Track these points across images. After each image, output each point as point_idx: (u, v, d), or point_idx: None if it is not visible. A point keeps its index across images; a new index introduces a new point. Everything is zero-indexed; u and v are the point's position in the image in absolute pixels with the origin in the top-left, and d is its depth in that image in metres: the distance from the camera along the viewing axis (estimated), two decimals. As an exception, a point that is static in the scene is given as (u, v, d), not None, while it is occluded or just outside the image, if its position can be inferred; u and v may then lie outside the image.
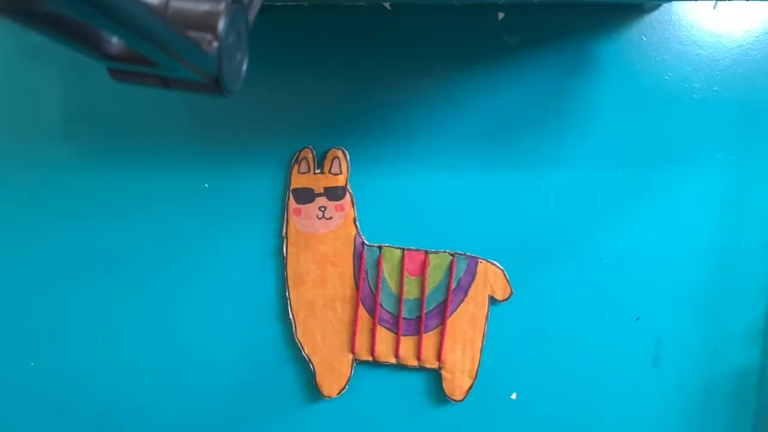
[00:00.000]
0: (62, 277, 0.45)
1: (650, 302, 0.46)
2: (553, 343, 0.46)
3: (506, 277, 0.45)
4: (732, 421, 0.47)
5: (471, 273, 0.44)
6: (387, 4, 0.43)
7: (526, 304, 0.45)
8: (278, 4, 0.42)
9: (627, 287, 0.46)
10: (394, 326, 0.45)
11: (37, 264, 0.45)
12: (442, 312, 0.44)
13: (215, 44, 0.20)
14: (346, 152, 0.44)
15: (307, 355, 0.45)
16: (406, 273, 0.44)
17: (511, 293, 0.45)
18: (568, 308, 0.45)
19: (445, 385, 0.45)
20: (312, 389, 0.46)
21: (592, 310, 0.45)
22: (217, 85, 0.22)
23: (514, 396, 0.46)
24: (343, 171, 0.44)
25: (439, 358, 0.44)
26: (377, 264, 0.44)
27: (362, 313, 0.45)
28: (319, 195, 0.44)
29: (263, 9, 0.26)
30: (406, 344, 0.45)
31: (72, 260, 0.44)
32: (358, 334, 0.45)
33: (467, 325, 0.45)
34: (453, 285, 0.44)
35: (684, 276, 0.46)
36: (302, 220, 0.44)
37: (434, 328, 0.45)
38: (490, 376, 0.45)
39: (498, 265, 0.45)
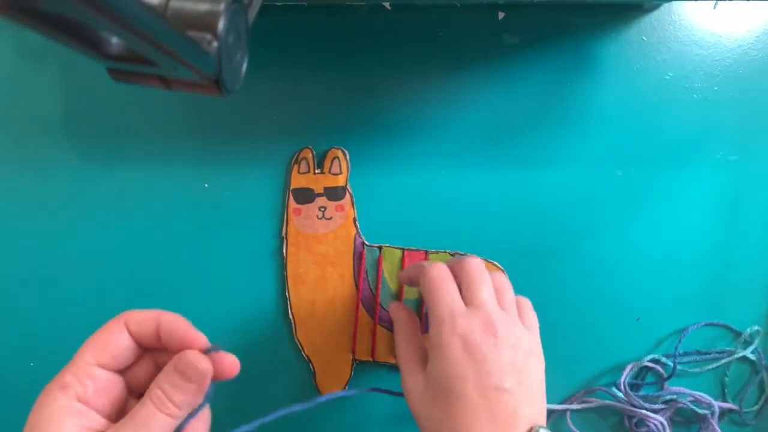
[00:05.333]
0: (61, 277, 0.45)
1: (650, 302, 0.46)
2: (552, 342, 0.46)
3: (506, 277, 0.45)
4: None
5: (471, 273, 0.44)
6: (387, 4, 0.43)
7: (526, 304, 0.45)
8: (278, 3, 0.42)
9: (627, 287, 0.46)
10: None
11: (36, 263, 0.45)
12: (442, 312, 0.44)
13: (215, 44, 0.20)
14: (346, 152, 0.44)
15: (306, 356, 0.45)
16: (406, 273, 0.44)
17: (511, 293, 0.45)
18: (568, 308, 0.45)
19: (445, 385, 0.44)
20: (312, 390, 0.46)
21: (592, 310, 0.46)
22: (216, 85, 0.22)
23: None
24: (343, 171, 0.44)
25: (439, 358, 0.44)
26: (377, 264, 0.44)
27: (362, 313, 0.45)
28: (319, 195, 0.44)
29: (263, 9, 0.26)
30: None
31: (70, 260, 0.44)
32: (358, 335, 0.45)
33: (467, 325, 0.45)
34: (453, 285, 0.44)
35: (684, 276, 0.46)
36: (302, 220, 0.44)
37: (434, 328, 0.45)
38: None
39: (498, 265, 0.45)
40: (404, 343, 0.36)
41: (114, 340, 0.27)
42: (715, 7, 0.44)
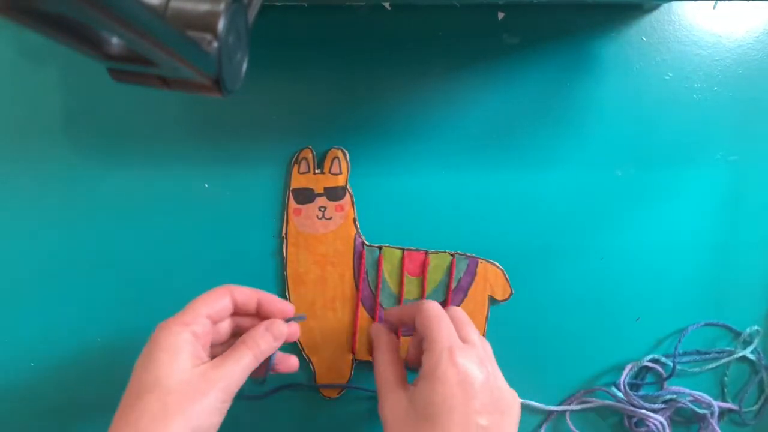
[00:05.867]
0: (60, 276, 0.45)
1: (650, 302, 0.46)
2: (550, 342, 0.46)
3: (506, 278, 0.45)
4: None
5: (471, 273, 0.44)
6: (387, 4, 0.43)
7: (526, 304, 0.45)
8: (278, 4, 0.42)
9: (627, 287, 0.46)
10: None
11: (36, 263, 0.45)
12: (442, 312, 0.44)
13: (215, 44, 0.20)
14: (346, 152, 0.44)
15: (306, 356, 0.45)
16: (406, 273, 0.44)
17: (511, 293, 0.45)
18: (568, 308, 0.45)
19: (445, 385, 0.44)
20: (311, 390, 0.46)
21: (592, 310, 0.46)
22: (216, 85, 0.22)
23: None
24: (343, 171, 0.44)
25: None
26: (377, 264, 0.44)
27: (362, 313, 0.45)
28: (319, 195, 0.44)
29: (263, 9, 0.26)
30: (407, 344, 0.45)
31: (70, 259, 0.44)
32: (358, 335, 0.45)
33: (467, 325, 0.45)
34: (453, 285, 0.44)
35: (684, 276, 0.46)
36: (302, 220, 0.44)
37: (434, 328, 0.44)
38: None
39: (498, 265, 0.45)
40: (386, 363, 0.38)
41: (220, 301, 0.36)
42: (715, 7, 0.44)
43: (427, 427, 0.32)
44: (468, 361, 0.33)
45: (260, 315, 0.39)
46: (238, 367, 0.34)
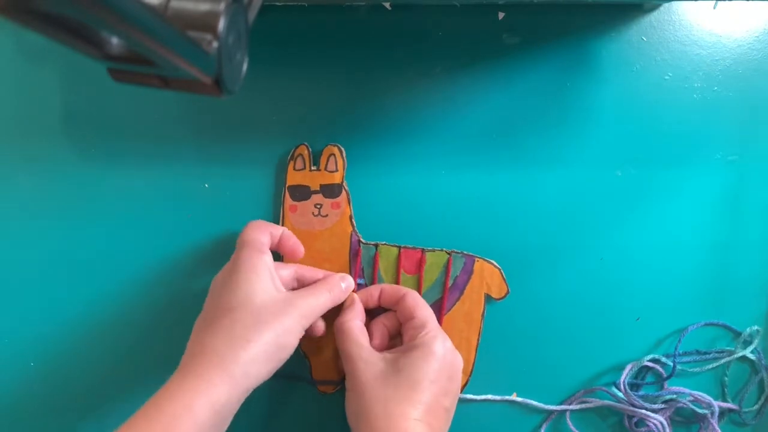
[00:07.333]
0: (60, 276, 0.45)
1: (650, 302, 0.46)
2: (551, 342, 0.46)
3: (503, 276, 0.45)
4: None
5: (467, 271, 0.44)
6: (387, 4, 0.43)
7: (526, 303, 0.45)
8: (278, 4, 0.42)
9: (627, 287, 0.46)
10: (394, 326, 0.45)
11: (36, 262, 0.45)
12: (438, 310, 0.44)
13: (215, 44, 0.20)
14: (342, 149, 0.44)
15: (302, 351, 0.45)
16: (402, 271, 0.44)
17: (508, 292, 0.45)
18: (568, 308, 0.45)
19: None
20: (308, 386, 0.46)
21: (592, 310, 0.46)
22: (216, 86, 0.22)
23: (514, 396, 0.46)
24: (339, 168, 0.44)
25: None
26: (373, 261, 0.44)
27: (362, 312, 0.44)
28: (315, 192, 0.44)
29: (263, 9, 0.26)
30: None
31: (70, 258, 0.45)
32: (357, 334, 0.45)
33: (463, 324, 0.45)
34: (449, 283, 0.44)
35: (684, 276, 0.46)
36: (298, 217, 0.44)
37: (434, 328, 0.44)
38: (485, 373, 0.45)
39: (495, 263, 0.45)
40: (357, 327, 0.41)
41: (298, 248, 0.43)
42: (715, 7, 0.44)
43: (408, 390, 0.36)
44: (454, 348, 0.40)
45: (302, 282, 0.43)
46: (317, 301, 0.38)
